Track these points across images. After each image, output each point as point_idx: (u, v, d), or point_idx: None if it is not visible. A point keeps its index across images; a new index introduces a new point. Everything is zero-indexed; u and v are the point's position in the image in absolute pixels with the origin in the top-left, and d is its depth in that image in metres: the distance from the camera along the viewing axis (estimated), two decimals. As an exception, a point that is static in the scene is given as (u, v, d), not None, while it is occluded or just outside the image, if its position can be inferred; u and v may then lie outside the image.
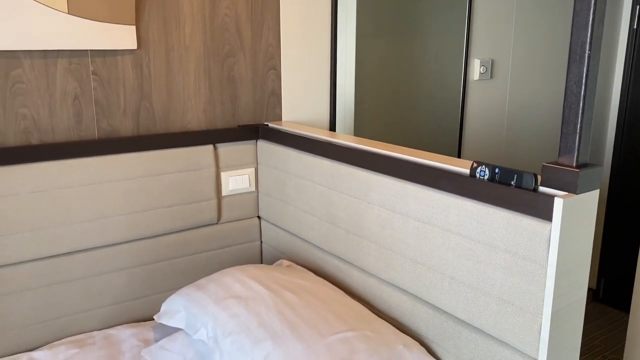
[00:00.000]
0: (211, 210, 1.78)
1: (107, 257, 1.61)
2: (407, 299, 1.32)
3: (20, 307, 1.50)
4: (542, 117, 2.76)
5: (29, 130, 1.48)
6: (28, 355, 1.48)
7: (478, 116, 2.49)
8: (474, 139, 2.50)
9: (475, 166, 1.13)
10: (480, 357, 1.14)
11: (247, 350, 1.21)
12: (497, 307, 1.09)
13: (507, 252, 1.05)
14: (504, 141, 2.62)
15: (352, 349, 1.18)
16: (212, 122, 1.78)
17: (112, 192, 1.58)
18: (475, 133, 2.49)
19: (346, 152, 1.47)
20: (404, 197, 1.28)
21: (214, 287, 1.44)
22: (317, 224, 1.61)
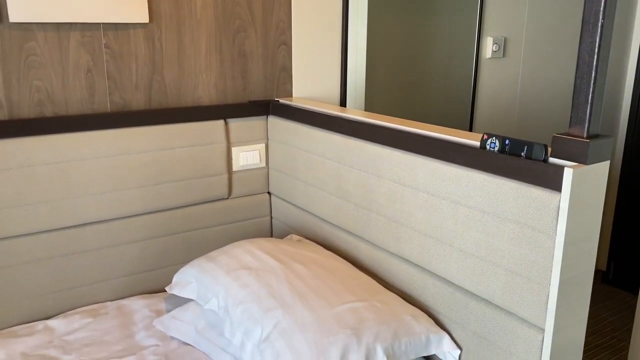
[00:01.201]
0: (222, 185, 1.80)
1: (119, 229, 1.64)
2: (415, 272, 1.33)
3: (36, 276, 1.53)
4: (554, 96, 2.73)
5: (43, 103, 1.50)
6: (44, 323, 1.52)
7: (490, 95, 2.48)
8: (485, 117, 2.48)
9: (485, 138, 1.13)
10: (487, 327, 1.15)
11: (257, 319, 1.23)
12: (505, 278, 1.10)
13: (516, 223, 1.06)
14: (516, 120, 2.61)
15: (361, 318, 1.19)
16: (223, 97, 1.79)
17: (124, 165, 1.60)
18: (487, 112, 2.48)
19: (356, 126, 1.47)
20: (413, 171, 1.29)
21: (225, 259, 1.46)
22: (326, 199, 1.63)
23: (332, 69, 1.97)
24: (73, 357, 1.38)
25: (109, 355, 1.39)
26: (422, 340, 1.20)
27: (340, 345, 1.12)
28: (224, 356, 1.33)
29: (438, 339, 1.22)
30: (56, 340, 1.45)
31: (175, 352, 1.41)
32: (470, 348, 1.20)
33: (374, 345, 1.14)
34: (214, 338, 1.37)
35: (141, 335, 1.48)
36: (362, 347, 1.13)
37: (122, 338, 1.46)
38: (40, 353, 1.39)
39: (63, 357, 1.38)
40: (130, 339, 1.46)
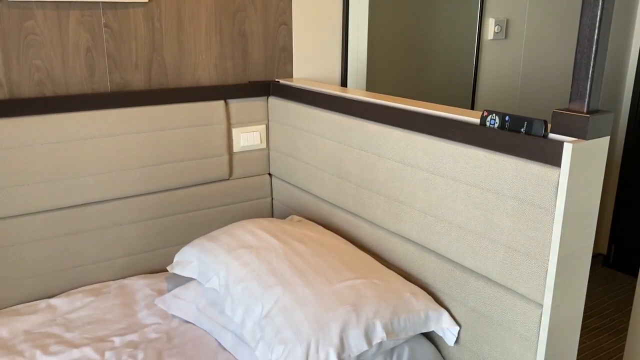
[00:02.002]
0: (223, 166, 1.80)
1: (120, 210, 1.64)
2: (415, 250, 1.34)
3: (38, 255, 1.54)
4: (556, 78, 2.72)
5: (43, 82, 1.50)
6: (47, 302, 1.53)
7: (492, 76, 2.46)
8: (487, 99, 2.47)
9: (485, 115, 1.13)
10: (486, 304, 1.16)
11: (257, 296, 1.24)
12: (504, 254, 1.10)
13: (515, 199, 1.06)
14: (517, 102, 2.60)
15: (360, 295, 1.20)
16: (223, 77, 1.78)
17: (125, 145, 1.60)
18: (488, 94, 2.47)
19: (356, 105, 1.47)
20: (413, 149, 1.29)
21: (225, 238, 1.47)
22: (327, 179, 1.63)
23: (333, 49, 1.96)
24: (75, 334, 1.39)
25: (111, 333, 1.40)
26: (421, 316, 1.21)
27: (339, 321, 1.13)
28: (225, 334, 1.34)
29: (437, 316, 1.23)
30: (59, 318, 1.47)
31: (176, 330, 1.42)
32: (469, 324, 1.21)
33: (373, 321, 1.15)
34: (215, 316, 1.38)
35: (143, 313, 1.49)
36: (362, 323, 1.14)
37: (124, 316, 1.47)
38: (43, 331, 1.41)
39: (66, 335, 1.39)
40: (132, 317, 1.47)
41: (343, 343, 1.11)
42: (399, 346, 1.23)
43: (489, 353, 1.17)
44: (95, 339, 1.38)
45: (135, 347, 1.35)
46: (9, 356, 1.30)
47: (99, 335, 1.39)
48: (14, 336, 1.38)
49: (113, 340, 1.37)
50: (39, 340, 1.36)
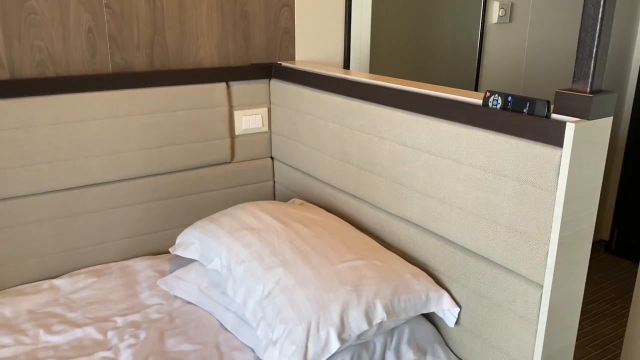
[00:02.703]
0: (225, 149, 1.80)
1: (122, 191, 1.65)
2: (415, 232, 1.34)
3: (41, 237, 1.55)
4: (561, 62, 2.70)
5: (44, 63, 1.50)
6: (49, 282, 1.54)
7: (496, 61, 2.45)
8: (490, 83, 2.46)
9: (488, 95, 1.12)
10: (486, 285, 1.16)
11: (259, 277, 1.25)
12: (505, 235, 1.10)
13: (517, 180, 1.06)
14: (521, 86, 2.58)
15: (361, 275, 1.21)
16: (225, 59, 1.77)
17: (126, 127, 1.60)
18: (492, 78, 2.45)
19: (358, 87, 1.46)
20: (415, 131, 1.28)
21: (227, 220, 1.47)
22: (329, 162, 1.62)
23: (335, 32, 1.95)
24: (78, 314, 1.41)
25: (114, 313, 1.41)
26: (422, 298, 1.21)
27: (340, 300, 1.14)
28: (226, 314, 1.35)
29: (438, 297, 1.23)
30: (62, 298, 1.48)
31: (178, 310, 1.43)
32: (470, 306, 1.21)
33: (374, 302, 1.15)
34: (216, 297, 1.39)
35: (145, 294, 1.50)
36: (362, 303, 1.14)
37: (126, 297, 1.48)
38: (46, 310, 1.42)
39: (68, 315, 1.40)
40: (135, 298, 1.48)
41: (343, 323, 1.11)
42: (400, 327, 1.24)
43: (489, 334, 1.17)
44: (98, 319, 1.39)
45: (137, 327, 1.36)
46: (13, 335, 1.31)
47: (102, 316, 1.40)
48: (17, 315, 1.39)
49: (115, 321, 1.38)
50: (42, 320, 1.37)
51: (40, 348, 1.28)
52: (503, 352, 1.14)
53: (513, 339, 1.12)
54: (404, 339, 1.22)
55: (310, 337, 1.09)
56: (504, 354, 1.14)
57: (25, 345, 1.28)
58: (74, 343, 1.30)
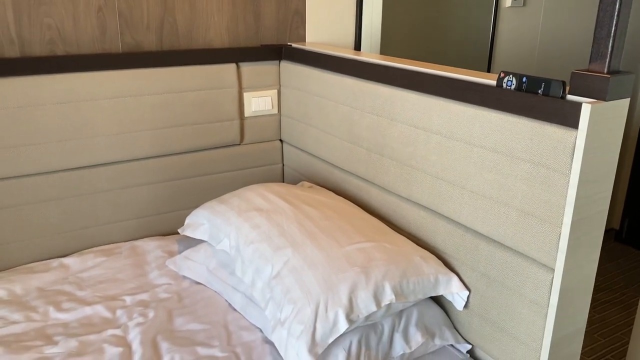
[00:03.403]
0: (234, 130, 1.79)
1: (132, 172, 1.65)
2: (426, 215, 1.33)
3: (50, 215, 1.55)
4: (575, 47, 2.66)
5: (54, 41, 1.49)
6: (59, 261, 1.55)
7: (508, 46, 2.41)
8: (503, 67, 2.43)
9: (502, 76, 1.10)
10: (496, 269, 1.15)
11: (268, 257, 1.25)
12: (517, 218, 1.09)
13: (530, 163, 1.04)
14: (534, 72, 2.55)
15: (370, 257, 1.20)
16: (235, 40, 1.76)
17: (136, 107, 1.59)
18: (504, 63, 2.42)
19: (370, 68, 1.44)
20: (427, 113, 1.27)
21: (236, 201, 1.47)
22: (338, 144, 1.61)
23: (346, 13, 1.92)
24: (87, 293, 1.41)
25: (123, 292, 1.42)
26: (431, 280, 1.21)
27: (349, 282, 1.13)
28: (235, 294, 1.35)
29: (447, 280, 1.23)
30: (71, 277, 1.49)
31: (187, 290, 1.43)
32: (479, 289, 1.20)
33: (382, 283, 1.15)
34: (225, 277, 1.39)
35: (154, 274, 1.50)
36: (371, 284, 1.14)
37: (135, 276, 1.49)
38: (56, 288, 1.43)
39: (77, 293, 1.41)
40: (143, 277, 1.49)
41: (352, 304, 1.11)
42: (408, 309, 1.23)
43: (498, 317, 1.16)
44: (107, 297, 1.40)
45: (146, 306, 1.36)
46: (23, 312, 1.32)
47: (110, 294, 1.41)
48: (27, 293, 1.40)
49: (124, 299, 1.39)
50: (52, 297, 1.38)
51: (50, 325, 1.29)
52: (512, 335, 1.14)
53: (522, 323, 1.11)
54: (412, 321, 1.21)
55: (319, 317, 1.09)
56: (513, 338, 1.14)
57: (35, 322, 1.29)
58: (83, 321, 1.31)
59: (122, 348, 1.21)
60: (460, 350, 1.27)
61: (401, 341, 1.18)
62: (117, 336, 1.25)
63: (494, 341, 1.19)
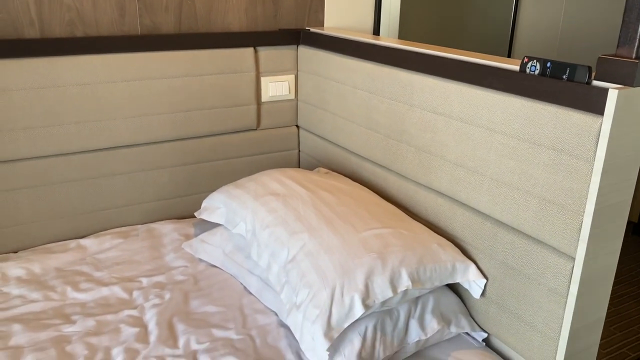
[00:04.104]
0: (251, 115, 1.79)
1: (149, 155, 1.65)
2: (443, 202, 1.32)
3: (69, 197, 1.56)
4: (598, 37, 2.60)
5: (74, 23, 1.49)
6: (77, 242, 1.57)
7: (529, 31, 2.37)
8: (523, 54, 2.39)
9: (526, 61, 1.08)
10: (515, 257, 1.14)
11: (284, 241, 1.24)
12: (538, 206, 1.07)
13: (553, 150, 1.02)
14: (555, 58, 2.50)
15: (386, 243, 1.19)
16: (253, 23, 1.75)
17: (153, 90, 1.59)
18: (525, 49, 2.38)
19: (389, 53, 1.43)
20: (447, 98, 1.25)
21: (253, 185, 1.46)
22: (355, 130, 1.60)
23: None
24: (104, 274, 1.42)
25: (139, 274, 1.43)
26: (448, 268, 1.20)
27: (365, 267, 1.13)
28: (250, 278, 1.36)
29: (464, 268, 1.22)
30: (88, 257, 1.50)
31: (203, 273, 1.44)
32: (497, 277, 1.19)
33: (399, 269, 1.14)
34: (241, 260, 1.40)
35: (170, 256, 1.51)
36: (387, 270, 1.13)
37: (152, 259, 1.50)
38: (74, 269, 1.44)
39: (95, 274, 1.43)
40: (160, 259, 1.50)
41: (368, 289, 1.10)
42: (424, 296, 1.22)
43: (516, 306, 1.15)
44: (124, 278, 1.41)
45: (162, 287, 1.37)
46: (42, 291, 1.34)
47: (127, 276, 1.42)
48: (45, 272, 1.42)
49: (141, 281, 1.40)
50: (70, 278, 1.40)
51: (68, 304, 1.30)
52: (530, 324, 1.13)
53: (541, 312, 1.10)
54: (428, 308, 1.21)
55: (335, 301, 1.09)
56: (531, 327, 1.12)
57: (53, 301, 1.31)
58: (100, 301, 1.32)
59: (139, 328, 1.22)
60: (475, 339, 1.26)
61: (417, 328, 1.17)
62: (134, 317, 1.26)
63: (510, 330, 1.18)
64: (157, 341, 1.18)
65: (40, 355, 1.13)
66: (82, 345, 1.16)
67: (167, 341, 1.18)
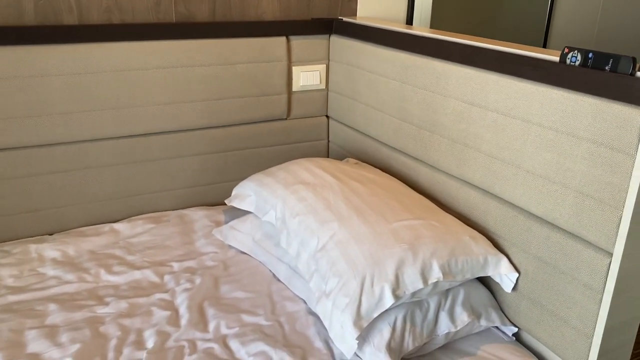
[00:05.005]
0: (281, 104, 1.79)
1: (181, 142, 1.67)
2: (476, 194, 1.30)
3: (102, 181, 1.59)
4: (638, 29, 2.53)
5: (111, 9, 1.51)
6: (110, 226, 1.60)
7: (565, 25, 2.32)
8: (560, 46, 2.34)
9: (566, 52, 1.06)
10: (550, 251, 1.12)
11: (313, 230, 1.25)
12: (575, 200, 1.05)
13: (592, 142, 1.00)
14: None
15: (418, 234, 1.18)
16: (286, 12, 1.75)
17: (187, 77, 1.61)
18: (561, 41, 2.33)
19: (424, 42, 1.41)
20: (483, 89, 1.23)
21: (283, 174, 1.47)
22: (387, 121, 1.59)
23: (399, -12, 1.88)
24: (137, 257, 1.45)
25: (170, 258, 1.45)
26: (480, 260, 1.19)
27: (396, 257, 1.12)
28: (279, 265, 1.37)
29: (496, 261, 1.20)
30: (121, 241, 1.53)
31: (232, 259, 1.45)
32: (529, 271, 1.17)
33: (430, 261, 1.13)
34: (270, 248, 1.40)
35: (201, 242, 1.53)
36: (418, 261, 1.13)
37: (183, 244, 1.52)
38: (107, 252, 1.47)
39: (127, 257, 1.45)
40: (190, 245, 1.52)
41: (398, 279, 1.10)
42: (454, 288, 1.22)
43: (549, 301, 1.13)
44: (155, 263, 1.43)
45: (193, 272, 1.39)
46: (76, 273, 1.37)
47: (159, 260, 1.44)
48: (80, 255, 1.45)
49: (172, 265, 1.42)
50: (103, 260, 1.43)
51: (101, 287, 1.33)
52: (563, 320, 1.11)
53: (575, 308, 1.08)
54: (458, 301, 1.20)
55: (365, 291, 1.08)
56: (564, 322, 1.11)
57: (87, 283, 1.34)
58: (133, 284, 1.34)
59: (170, 312, 1.24)
60: (505, 333, 1.25)
61: (447, 320, 1.17)
62: (165, 300, 1.28)
63: (542, 325, 1.16)
64: (188, 325, 1.19)
65: (75, 334, 1.15)
66: (115, 327, 1.18)
67: (197, 325, 1.20)
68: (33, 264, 1.40)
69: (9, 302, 1.25)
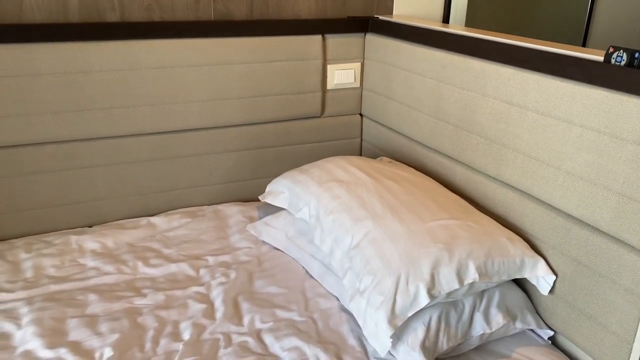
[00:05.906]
0: (315, 102, 1.80)
1: (217, 138, 1.69)
2: (514, 195, 1.28)
3: (140, 176, 1.63)
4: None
5: (152, 7, 1.54)
6: (147, 219, 1.63)
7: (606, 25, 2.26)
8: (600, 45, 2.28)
9: (611, 51, 1.03)
10: (590, 254, 1.10)
11: (347, 228, 1.25)
12: (617, 202, 1.03)
13: (637, 144, 0.98)
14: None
15: (454, 235, 1.18)
16: (322, 11, 1.75)
17: (224, 75, 1.63)
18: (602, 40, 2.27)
19: (461, 41, 1.40)
20: (523, 88, 1.21)
21: (317, 172, 1.48)
22: (422, 120, 1.58)
23: (436, -14, 1.87)
24: (173, 251, 1.48)
25: (205, 252, 1.47)
26: (516, 262, 1.17)
27: (431, 257, 1.12)
28: (312, 262, 1.37)
29: (533, 263, 1.19)
30: (158, 235, 1.56)
31: (266, 255, 1.47)
32: (567, 274, 1.15)
33: (466, 261, 1.12)
34: (303, 245, 1.41)
35: (235, 237, 1.55)
36: (454, 261, 1.12)
37: (217, 238, 1.54)
38: (144, 245, 1.50)
39: (164, 250, 1.48)
40: (225, 240, 1.54)
41: (434, 279, 1.10)
42: (490, 290, 1.20)
43: (587, 305, 1.11)
44: (191, 256, 1.45)
45: (227, 267, 1.41)
46: (115, 264, 1.40)
47: (194, 254, 1.47)
48: (118, 247, 1.49)
49: (207, 259, 1.44)
50: (141, 253, 1.46)
51: (139, 278, 1.36)
52: (602, 324, 1.09)
53: (615, 313, 1.06)
54: (493, 302, 1.19)
55: (399, 289, 1.08)
56: (603, 327, 1.08)
57: (125, 275, 1.37)
58: (169, 277, 1.37)
59: (205, 305, 1.26)
60: (541, 336, 1.23)
61: (482, 321, 1.16)
62: (201, 293, 1.30)
63: (580, 329, 1.14)
64: (223, 318, 1.21)
65: (114, 324, 1.18)
66: (153, 318, 1.21)
67: (232, 319, 1.21)
68: (73, 254, 1.44)
69: (51, 291, 1.29)
